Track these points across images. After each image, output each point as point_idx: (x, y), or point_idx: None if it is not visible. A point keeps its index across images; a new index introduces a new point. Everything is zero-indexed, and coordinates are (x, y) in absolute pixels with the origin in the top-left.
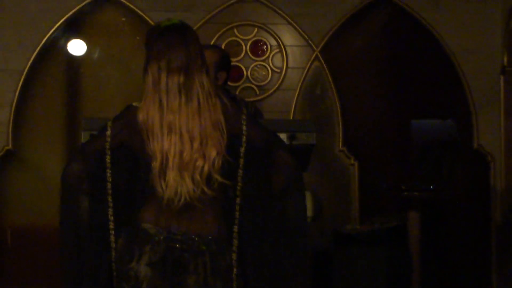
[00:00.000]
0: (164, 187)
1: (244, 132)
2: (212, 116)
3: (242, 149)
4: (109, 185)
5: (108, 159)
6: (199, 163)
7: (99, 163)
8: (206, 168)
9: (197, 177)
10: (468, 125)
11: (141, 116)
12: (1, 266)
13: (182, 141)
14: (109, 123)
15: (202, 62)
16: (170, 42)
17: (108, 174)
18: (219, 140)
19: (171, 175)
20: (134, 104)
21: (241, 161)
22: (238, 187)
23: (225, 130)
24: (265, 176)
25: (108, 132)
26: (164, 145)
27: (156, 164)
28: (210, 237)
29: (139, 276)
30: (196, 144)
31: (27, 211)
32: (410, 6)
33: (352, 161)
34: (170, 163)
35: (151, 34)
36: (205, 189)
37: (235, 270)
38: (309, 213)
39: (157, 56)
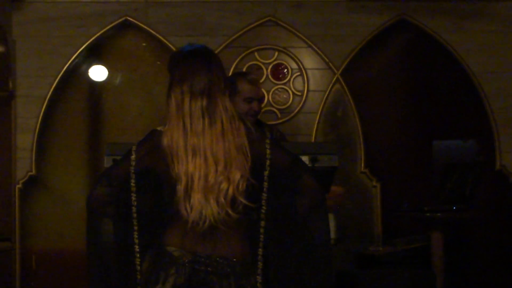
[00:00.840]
0: (189, 209)
1: (268, 156)
2: (236, 140)
3: (266, 173)
4: (134, 209)
5: (133, 183)
6: (224, 185)
7: (124, 187)
8: (230, 190)
9: (222, 199)
10: (491, 146)
11: (165, 140)
12: None
13: (206, 164)
14: (134, 148)
15: (225, 85)
16: (192, 66)
17: (133, 198)
18: (243, 163)
19: (196, 197)
20: (158, 128)
21: (265, 184)
22: (263, 211)
23: (249, 154)
24: (289, 200)
25: (133, 157)
26: (189, 168)
27: (181, 187)
28: (234, 260)
29: None
30: (220, 167)
31: (50, 235)
32: (431, 27)
33: (374, 183)
34: (195, 186)
35: (174, 58)
36: (230, 211)
37: None
38: (332, 235)
39: (180, 80)
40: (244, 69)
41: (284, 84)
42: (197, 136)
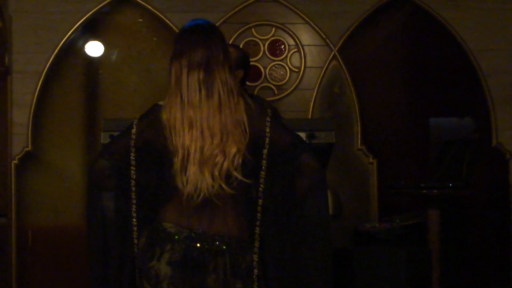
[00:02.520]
0: (184, 182)
1: (267, 134)
2: (234, 114)
3: (265, 151)
4: (133, 182)
5: (132, 156)
6: (219, 159)
7: (124, 160)
8: (225, 164)
9: (216, 173)
10: (487, 123)
11: (164, 113)
12: (22, 267)
13: (203, 137)
14: (135, 121)
15: (225, 59)
16: (191, 39)
17: (132, 172)
18: (240, 138)
19: (192, 170)
20: (159, 103)
21: (264, 162)
22: (261, 189)
23: (247, 130)
24: (288, 179)
25: (134, 130)
26: (186, 140)
27: (177, 160)
28: (230, 237)
29: (160, 275)
30: (216, 140)
31: (46, 212)
32: (428, 4)
33: (371, 160)
34: (191, 158)
35: (177, 35)
36: (224, 185)
37: (256, 271)
38: (330, 211)
39: (179, 54)
40: (241, 45)
41: (281, 60)
42: (194, 108)
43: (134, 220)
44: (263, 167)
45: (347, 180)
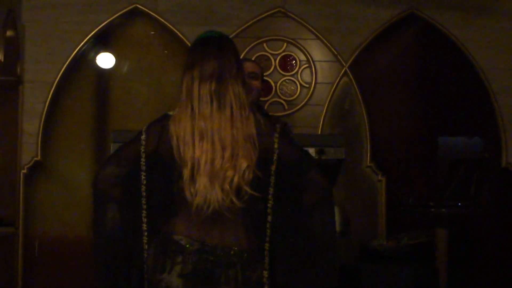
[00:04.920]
0: (193, 193)
1: (275, 150)
2: (245, 128)
3: (273, 167)
4: (143, 188)
5: (143, 162)
6: (229, 173)
7: (133, 167)
8: (236, 179)
9: (227, 187)
10: (497, 143)
11: (173, 124)
12: (28, 276)
13: (214, 149)
14: (144, 129)
15: (238, 72)
16: (203, 51)
17: (143, 177)
18: (250, 153)
19: (202, 182)
20: (169, 112)
21: (272, 179)
22: (269, 205)
23: (257, 145)
24: (295, 195)
25: (143, 137)
26: (196, 152)
27: (187, 171)
28: (241, 250)
29: (171, 287)
30: (227, 154)
31: (54, 221)
32: (439, 22)
33: (380, 177)
34: (201, 170)
35: (190, 46)
36: (234, 199)
37: (266, 287)
38: (337, 228)
39: (191, 65)
40: (252, 59)
41: (292, 75)
42: (205, 120)
43: (145, 226)
44: (271, 183)
45: (355, 197)
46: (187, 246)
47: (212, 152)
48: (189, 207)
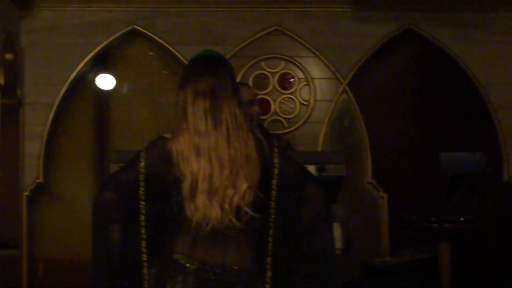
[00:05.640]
0: (193, 210)
1: (276, 165)
2: (244, 149)
3: (275, 182)
4: (142, 217)
5: (141, 191)
6: (229, 192)
7: (132, 194)
8: (235, 199)
9: (226, 206)
10: (498, 157)
11: (171, 142)
12: None
13: (211, 166)
14: (142, 154)
15: (234, 92)
16: (197, 68)
17: (142, 206)
18: (251, 175)
19: (200, 198)
20: (165, 135)
21: (273, 193)
22: (271, 219)
23: (258, 166)
24: (295, 209)
25: (142, 164)
26: (193, 167)
27: (186, 185)
28: (241, 268)
29: None
30: (225, 172)
31: (57, 243)
32: (437, 38)
33: (382, 194)
34: (199, 186)
35: (186, 64)
36: (233, 219)
37: None
38: (339, 245)
39: (185, 82)
40: (250, 78)
41: (291, 93)
42: (200, 136)
43: (145, 255)
44: (273, 197)
45: (357, 213)
46: (187, 265)
47: (209, 169)
48: (189, 225)
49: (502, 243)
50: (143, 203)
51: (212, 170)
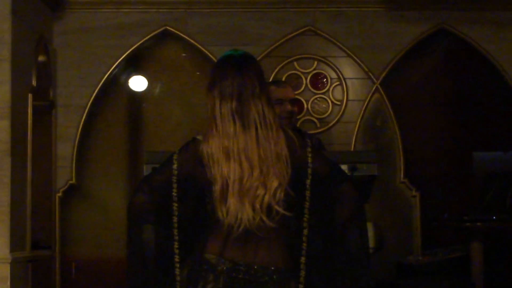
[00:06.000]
0: (224, 213)
1: (309, 165)
2: (274, 147)
3: (308, 181)
4: (175, 219)
5: (174, 192)
6: (260, 192)
7: (165, 195)
8: (266, 198)
9: (257, 206)
10: None
11: (202, 145)
12: None
13: (241, 168)
14: (175, 156)
15: (261, 92)
16: (222, 70)
17: (175, 208)
18: (282, 173)
19: (232, 201)
20: (197, 137)
21: (307, 193)
22: (305, 219)
23: (289, 163)
24: (330, 208)
25: (175, 166)
26: (224, 170)
27: (217, 188)
28: (273, 268)
29: None
30: (256, 173)
31: (90, 244)
32: (470, 37)
33: (414, 193)
34: (230, 188)
35: (212, 67)
36: (264, 218)
37: None
38: (372, 244)
39: (212, 85)
40: (283, 78)
41: (323, 93)
42: (229, 139)
43: (177, 256)
44: (307, 197)
45: (389, 213)
46: (219, 265)
47: (240, 171)
48: (221, 227)
49: None
50: (176, 204)
51: (242, 172)
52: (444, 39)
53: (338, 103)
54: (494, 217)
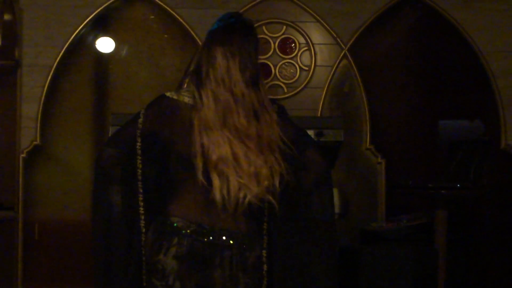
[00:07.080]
0: (206, 184)
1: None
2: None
3: None
4: (139, 171)
5: (138, 146)
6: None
7: (130, 149)
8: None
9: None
10: (496, 125)
11: (192, 111)
12: (28, 260)
13: (234, 139)
14: (142, 111)
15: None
16: (228, 29)
17: (139, 161)
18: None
19: (214, 173)
20: (167, 94)
21: None
22: None
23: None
24: (294, 174)
25: (140, 120)
26: (212, 140)
27: (199, 161)
28: (238, 232)
29: (166, 269)
30: (251, 145)
31: (54, 206)
32: (439, 5)
33: (379, 160)
34: (212, 159)
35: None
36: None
37: (265, 266)
38: (336, 210)
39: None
40: None
41: (291, 58)
42: (223, 111)
43: (141, 208)
44: None
45: (354, 179)
46: (183, 228)
47: (228, 142)
48: (193, 194)
49: (498, 210)
50: (140, 157)
51: (236, 149)
52: (414, 6)
53: (306, 68)
54: (458, 185)
